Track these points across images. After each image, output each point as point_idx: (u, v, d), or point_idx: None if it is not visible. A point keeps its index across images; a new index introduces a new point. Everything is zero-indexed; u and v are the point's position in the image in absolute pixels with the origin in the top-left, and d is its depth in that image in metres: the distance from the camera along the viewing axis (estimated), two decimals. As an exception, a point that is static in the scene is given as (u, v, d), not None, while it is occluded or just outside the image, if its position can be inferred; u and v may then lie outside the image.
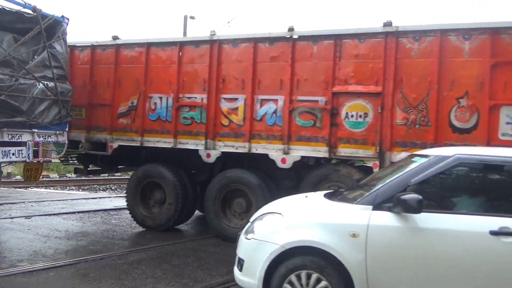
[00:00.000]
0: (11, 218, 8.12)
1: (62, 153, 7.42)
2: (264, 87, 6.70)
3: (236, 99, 6.88)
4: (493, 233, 3.22)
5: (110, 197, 12.40)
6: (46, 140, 6.93)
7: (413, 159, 3.92)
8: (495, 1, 57.61)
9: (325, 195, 4.14)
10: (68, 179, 19.55)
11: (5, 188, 13.85)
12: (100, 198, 11.97)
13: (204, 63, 7.10)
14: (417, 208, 3.31)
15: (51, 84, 6.76)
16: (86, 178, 20.14)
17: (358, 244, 3.44)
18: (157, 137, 7.39)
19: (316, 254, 3.52)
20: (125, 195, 7.98)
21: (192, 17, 28.00)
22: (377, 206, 3.52)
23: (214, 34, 7.09)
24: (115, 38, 7.91)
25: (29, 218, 8.15)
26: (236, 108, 6.88)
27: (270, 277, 3.60)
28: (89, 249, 6.03)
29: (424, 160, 3.72)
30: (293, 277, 3.54)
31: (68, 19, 7.19)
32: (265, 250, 3.62)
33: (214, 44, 7.03)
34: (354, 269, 3.43)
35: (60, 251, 5.84)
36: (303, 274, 3.52)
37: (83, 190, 15.62)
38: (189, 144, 7.18)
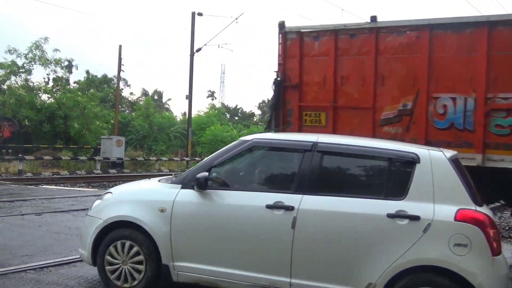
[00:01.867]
0: (22, 215, 8.21)
1: None
2: None
3: None
4: (269, 206, 3.74)
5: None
6: None
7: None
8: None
9: (163, 179, 4.57)
10: (78, 176, 19.73)
11: (16, 185, 14.03)
12: (109, 195, 12.05)
13: None
14: (204, 185, 3.91)
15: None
16: (96, 175, 20.36)
17: (165, 218, 4.00)
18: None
19: (133, 227, 4.09)
20: None
21: (200, 14, 28.07)
22: (185, 185, 4.07)
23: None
24: (373, 19, 6.28)
25: (39, 215, 8.24)
26: None
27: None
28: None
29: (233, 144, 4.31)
30: (111, 247, 4.14)
31: None
32: (93, 225, 4.25)
33: None
34: (160, 239, 4.00)
35: (70, 247, 5.89)
36: (119, 243, 4.12)
37: (93, 187, 15.75)
38: (506, 161, 5.54)
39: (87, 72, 42.87)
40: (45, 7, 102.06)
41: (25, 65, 29.14)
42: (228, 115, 66.27)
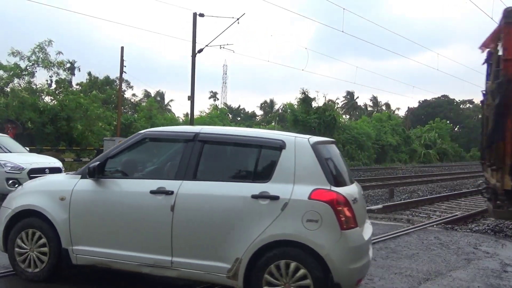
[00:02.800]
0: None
1: None
2: None
3: None
4: (152, 192, 4.13)
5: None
6: None
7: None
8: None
9: (71, 172, 5.14)
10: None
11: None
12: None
13: None
14: (93, 173, 4.35)
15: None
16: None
17: (64, 206, 4.42)
18: None
19: (38, 216, 4.51)
20: None
21: (201, 15, 28.07)
22: (83, 175, 4.49)
23: None
24: None
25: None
26: None
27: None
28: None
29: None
30: (21, 235, 4.56)
31: None
32: (4, 214, 4.70)
33: None
34: (60, 225, 4.41)
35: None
36: (25, 232, 4.55)
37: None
38: None
39: (89, 73, 42.95)
40: (47, 9, 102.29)
41: (28, 67, 29.25)
42: (230, 116, 66.32)
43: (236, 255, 3.87)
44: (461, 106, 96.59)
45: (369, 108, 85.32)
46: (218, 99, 78.89)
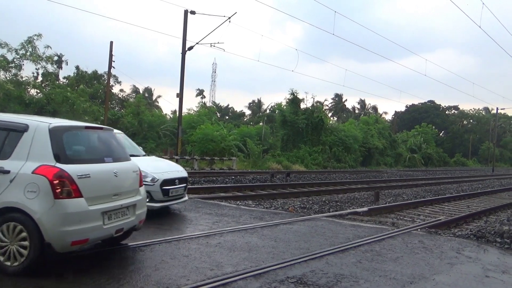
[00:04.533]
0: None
1: None
2: None
3: None
4: None
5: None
6: None
7: None
8: None
9: None
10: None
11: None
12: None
13: None
14: None
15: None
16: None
17: None
18: None
19: None
20: None
21: (192, 12, 27.94)
22: None
23: None
24: None
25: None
26: None
27: None
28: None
29: None
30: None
31: None
32: None
33: None
34: None
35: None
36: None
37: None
38: None
39: (77, 67, 42.41)
40: (37, 1, 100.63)
41: (15, 60, 28.81)
42: (218, 114, 66.14)
43: None
44: (446, 112, 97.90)
45: (356, 111, 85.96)
46: (205, 97, 78.61)
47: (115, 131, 7.46)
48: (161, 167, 8.57)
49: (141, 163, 7.04)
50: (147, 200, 6.63)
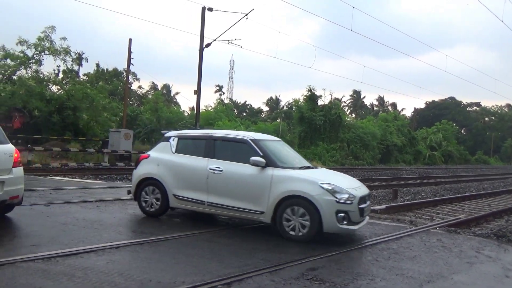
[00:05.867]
0: (31, 205, 8.30)
1: None
2: None
3: None
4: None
5: (126, 186, 12.56)
6: None
7: None
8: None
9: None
10: (86, 168, 19.85)
11: (25, 176, 14.14)
12: (117, 187, 12.14)
13: None
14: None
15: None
16: (104, 168, 20.48)
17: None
18: None
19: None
20: None
21: (210, 9, 27.99)
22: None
23: None
24: None
25: (47, 206, 8.33)
26: None
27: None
28: (105, 237, 6.13)
29: None
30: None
31: None
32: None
33: None
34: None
35: (77, 239, 5.95)
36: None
37: (101, 179, 15.85)
38: None
39: (97, 65, 42.97)
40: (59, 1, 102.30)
41: (35, 56, 29.34)
42: (236, 111, 66.26)
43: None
44: (467, 109, 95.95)
45: (375, 108, 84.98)
46: (223, 93, 78.81)
47: (275, 138, 8.72)
48: (349, 183, 7.20)
49: (329, 177, 7.02)
50: (345, 222, 6.39)
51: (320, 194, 6.44)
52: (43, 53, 29.34)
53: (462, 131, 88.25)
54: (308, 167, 7.48)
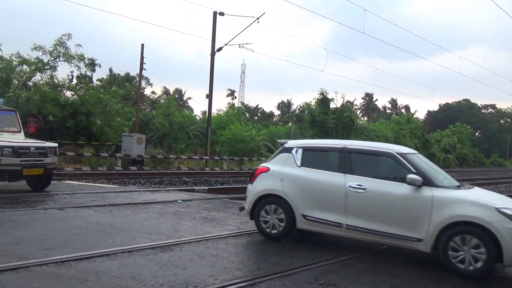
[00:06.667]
0: (45, 209, 8.38)
1: None
2: None
3: None
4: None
5: (139, 191, 12.62)
6: None
7: None
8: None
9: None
10: (99, 172, 20.02)
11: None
12: (129, 191, 12.20)
13: None
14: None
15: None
16: (117, 172, 20.64)
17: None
18: None
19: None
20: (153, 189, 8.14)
21: (221, 13, 28.12)
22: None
23: None
24: None
25: (61, 210, 8.40)
26: None
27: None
28: (118, 241, 6.15)
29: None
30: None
31: None
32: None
33: None
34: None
35: (91, 243, 5.98)
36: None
37: (114, 183, 15.95)
38: None
39: (110, 70, 43.43)
40: (70, 6, 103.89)
41: (50, 62, 29.78)
42: (247, 115, 66.37)
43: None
44: (482, 111, 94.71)
45: (388, 111, 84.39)
46: (235, 97, 79.01)
47: (413, 150, 6.99)
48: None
49: (500, 200, 5.97)
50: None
51: (500, 221, 5.27)
52: (57, 59, 29.78)
53: (477, 134, 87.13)
54: (459, 186, 6.28)
